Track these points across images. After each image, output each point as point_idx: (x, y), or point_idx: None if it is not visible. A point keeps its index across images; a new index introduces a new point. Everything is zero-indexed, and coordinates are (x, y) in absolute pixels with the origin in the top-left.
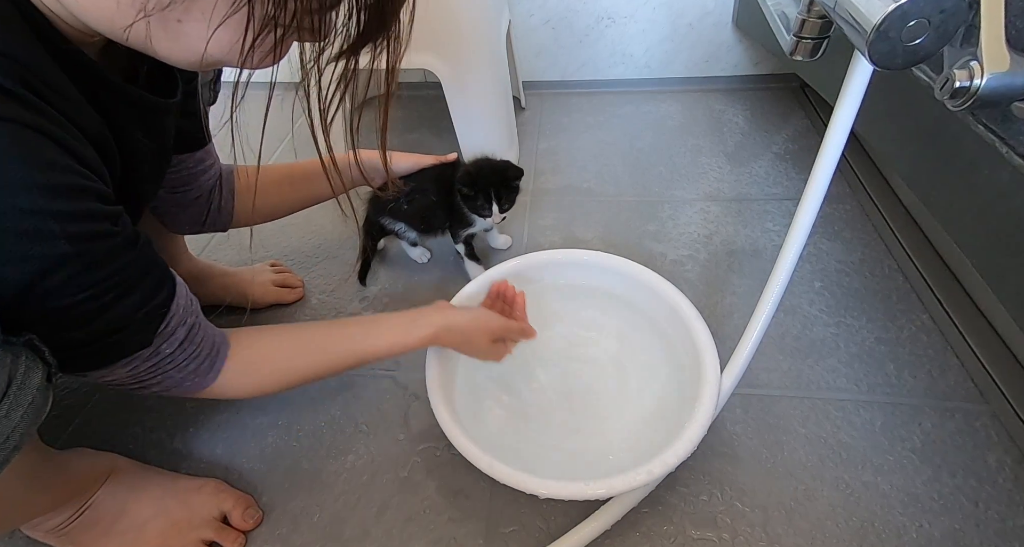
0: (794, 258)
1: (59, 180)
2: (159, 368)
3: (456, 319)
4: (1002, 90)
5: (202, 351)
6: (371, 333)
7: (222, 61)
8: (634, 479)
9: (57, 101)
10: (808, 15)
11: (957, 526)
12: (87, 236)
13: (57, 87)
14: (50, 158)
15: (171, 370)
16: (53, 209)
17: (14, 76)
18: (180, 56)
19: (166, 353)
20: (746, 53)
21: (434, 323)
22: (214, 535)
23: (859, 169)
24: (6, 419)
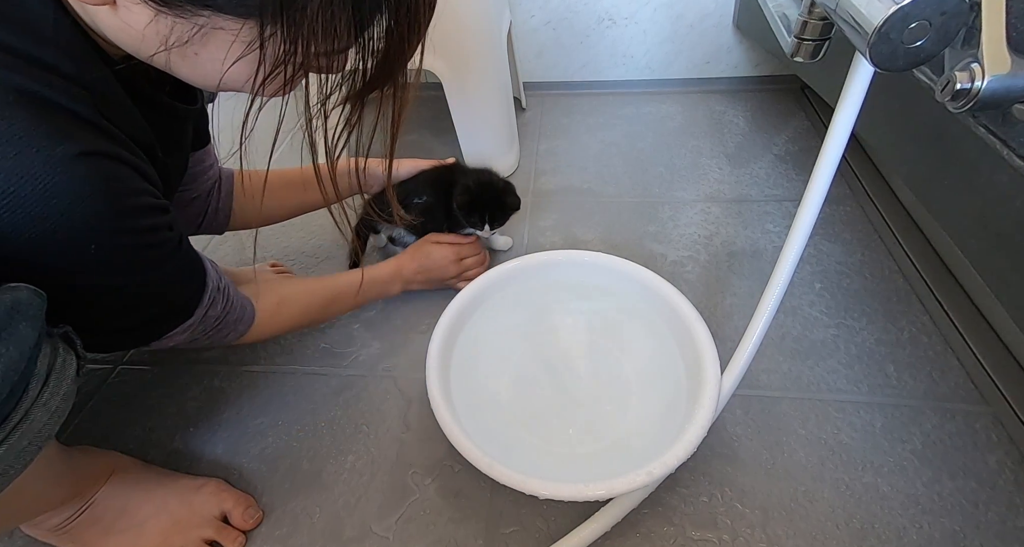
0: (794, 259)
1: (136, 203)
2: (212, 327)
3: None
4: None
5: (236, 304)
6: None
7: (237, 90)
8: (634, 480)
9: (123, 122)
10: (809, 17)
11: (957, 527)
12: (156, 244)
13: (121, 106)
14: (130, 185)
15: (221, 326)
16: (131, 227)
17: (92, 106)
18: (198, 81)
19: (213, 316)
20: (747, 54)
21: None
22: (214, 534)
23: (860, 171)
24: (44, 407)
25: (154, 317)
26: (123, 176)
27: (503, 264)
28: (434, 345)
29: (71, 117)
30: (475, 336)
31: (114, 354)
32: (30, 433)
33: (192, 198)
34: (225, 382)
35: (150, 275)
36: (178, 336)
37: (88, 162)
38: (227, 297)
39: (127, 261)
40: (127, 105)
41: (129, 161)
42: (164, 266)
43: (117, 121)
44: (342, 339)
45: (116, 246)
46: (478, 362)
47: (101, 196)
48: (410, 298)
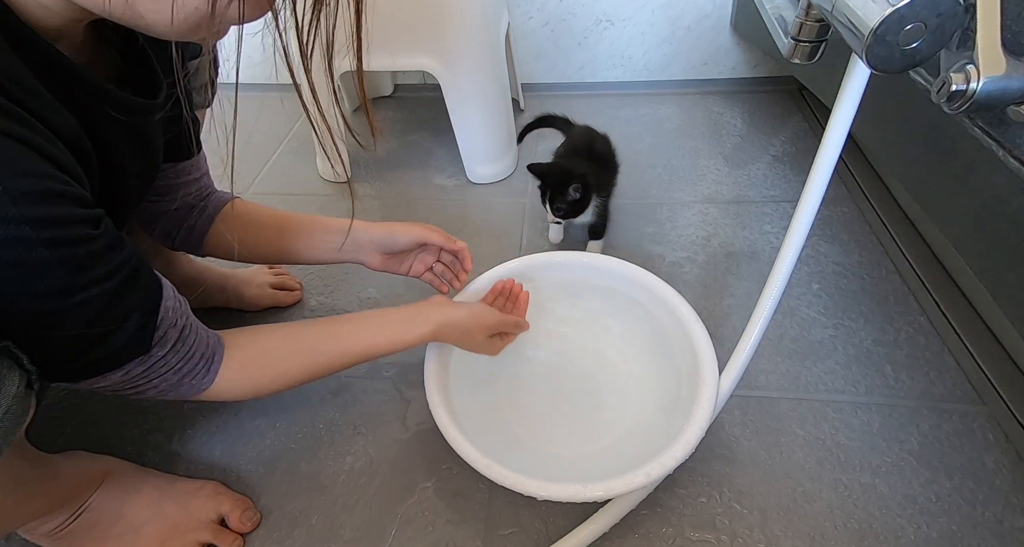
0: (792, 260)
1: (34, 186)
2: (153, 371)
3: (454, 315)
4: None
5: (195, 352)
6: (369, 331)
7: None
8: (632, 481)
9: (29, 102)
10: (805, 18)
11: (955, 527)
12: (66, 241)
13: (28, 87)
14: (24, 165)
15: (165, 373)
16: (28, 215)
17: None
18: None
19: (158, 356)
20: (744, 56)
21: (432, 320)
22: (212, 537)
23: (857, 172)
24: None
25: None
26: (16, 152)
27: (502, 265)
28: (433, 347)
29: None
30: None
31: None
32: None
33: (170, 209)
34: None
35: (72, 281)
36: (112, 375)
37: None
38: (183, 339)
39: (34, 260)
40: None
41: (21, 137)
42: (90, 272)
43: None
44: None
45: (13, 239)
46: (476, 363)
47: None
48: (409, 299)
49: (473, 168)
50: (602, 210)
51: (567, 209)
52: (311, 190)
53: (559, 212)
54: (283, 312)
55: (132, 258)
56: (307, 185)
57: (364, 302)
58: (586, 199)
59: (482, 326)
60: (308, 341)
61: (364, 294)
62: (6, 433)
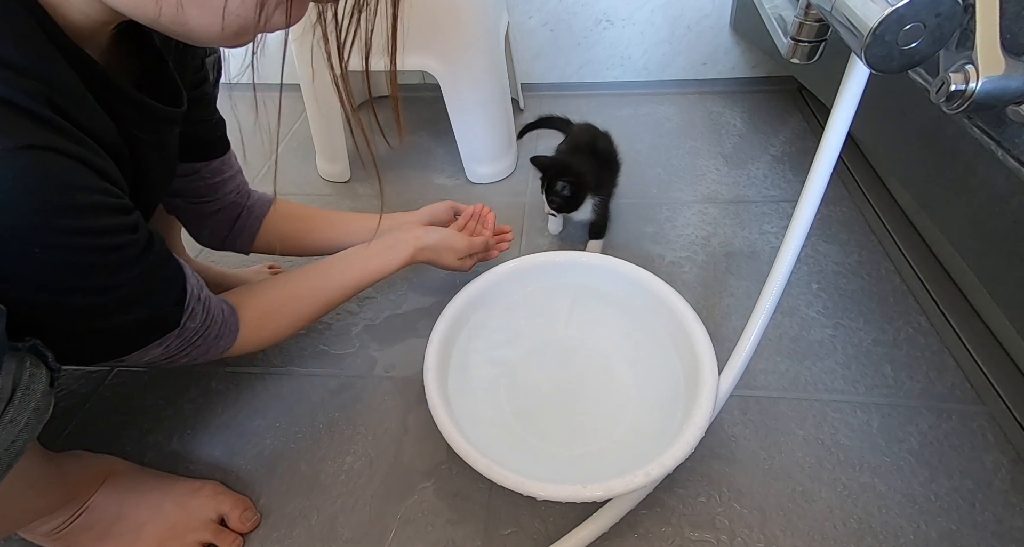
0: (792, 260)
1: (86, 200)
2: (188, 342)
3: (427, 239)
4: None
5: (216, 318)
6: (359, 263)
7: (242, 22)
8: (632, 481)
9: (77, 114)
10: (805, 18)
11: (954, 527)
12: (112, 248)
13: (76, 97)
14: (77, 181)
15: (197, 340)
16: (82, 227)
17: (40, 98)
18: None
19: (191, 328)
20: (743, 56)
21: (410, 245)
22: (212, 537)
23: (856, 172)
24: (11, 425)
25: (128, 328)
26: (68, 171)
27: (501, 265)
28: (432, 346)
29: (8, 109)
30: (473, 337)
31: None
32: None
33: (216, 210)
34: (222, 384)
35: (115, 280)
36: (153, 350)
37: (26, 156)
38: (207, 309)
39: (82, 264)
40: (86, 99)
41: (78, 155)
42: (130, 270)
43: (73, 115)
44: (340, 341)
45: (66, 247)
46: (476, 363)
47: (41, 192)
48: (408, 300)
49: (473, 168)
50: (602, 208)
51: (560, 203)
52: (311, 190)
53: (553, 205)
54: None
55: (161, 250)
56: (307, 185)
57: (360, 298)
58: (578, 197)
59: (451, 249)
60: (307, 285)
61: (364, 293)
62: (32, 430)
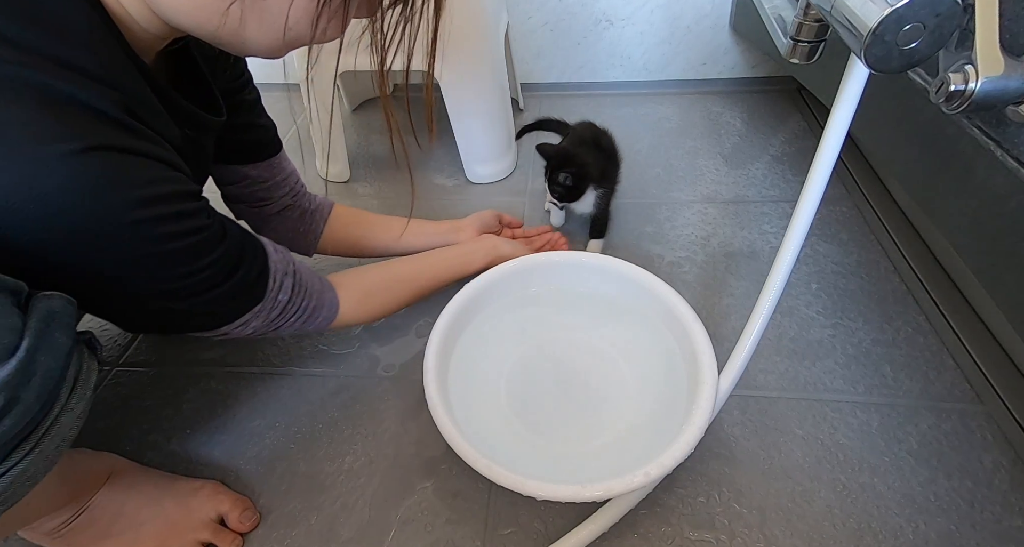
0: (791, 260)
1: (160, 190)
2: (286, 312)
3: (503, 249)
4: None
5: (311, 291)
6: (442, 264)
7: (298, 36)
8: (632, 481)
9: (150, 119)
10: (804, 18)
11: (953, 527)
12: (191, 231)
13: (148, 105)
14: (151, 175)
15: (296, 312)
16: (160, 214)
17: (118, 104)
18: (265, 37)
19: (283, 301)
20: (743, 56)
21: (488, 255)
22: (211, 536)
23: (855, 171)
24: (71, 412)
25: (216, 304)
26: (143, 167)
27: (501, 265)
28: (432, 347)
29: (93, 114)
30: (473, 338)
31: (108, 356)
32: (57, 438)
33: (274, 213)
34: (222, 384)
35: (201, 261)
36: (252, 323)
37: (102, 155)
38: (299, 282)
39: (170, 250)
40: (156, 107)
41: (152, 153)
42: (213, 251)
43: (148, 121)
44: (340, 340)
45: (154, 235)
46: (476, 364)
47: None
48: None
49: (472, 168)
50: (603, 203)
51: (561, 192)
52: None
53: (555, 194)
54: None
55: (237, 230)
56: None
57: None
58: (579, 187)
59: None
60: (401, 275)
61: None
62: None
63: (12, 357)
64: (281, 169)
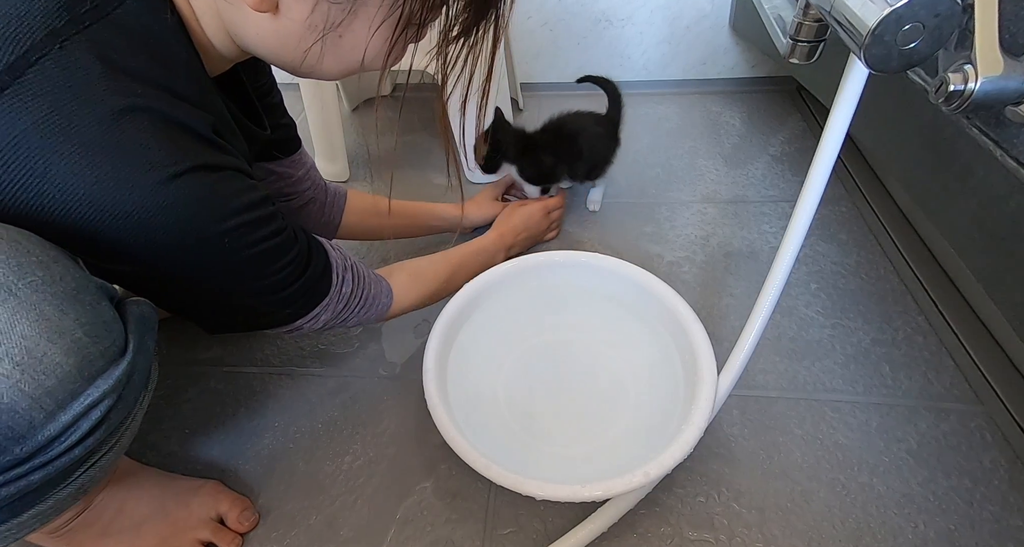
0: (791, 260)
1: (246, 200)
2: (350, 305)
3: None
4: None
5: (369, 281)
6: (475, 260)
7: (370, 66)
8: (631, 481)
9: (229, 136)
10: (804, 18)
11: (952, 527)
12: (272, 234)
13: (227, 123)
14: (238, 186)
15: (359, 302)
16: (247, 221)
17: (208, 124)
18: (339, 69)
19: (347, 293)
20: (743, 56)
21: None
22: (211, 536)
23: (855, 172)
24: (142, 410)
25: (292, 300)
26: (232, 180)
27: (501, 265)
28: (431, 346)
29: (194, 137)
30: (472, 337)
31: None
32: (131, 432)
33: (300, 206)
34: (221, 384)
35: (281, 261)
36: (322, 316)
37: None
38: (357, 274)
39: (255, 254)
40: (231, 124)
41: (238, 167)
42: (290, 251)
43: (228, 138)
44: (339, 340)
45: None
46: (475, 363)
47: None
48: None
49: (472, 168)
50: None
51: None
52: None
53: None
54: None
55: (302, 231)
56: None
57: None
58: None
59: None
60: (440, 270)
61: None
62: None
63: (123, 357)
64: (303, 164)
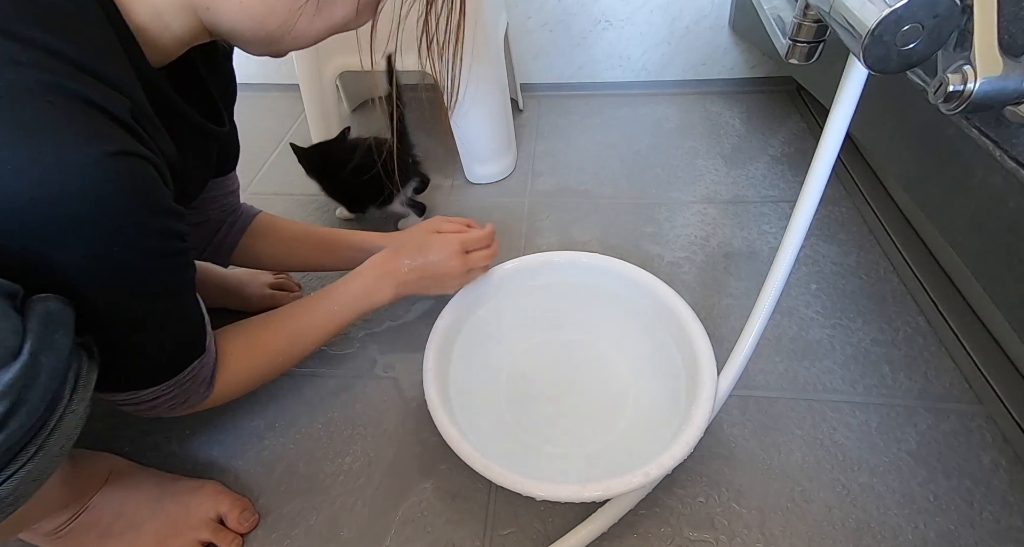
0: (790, 260)
1: (163, 203)
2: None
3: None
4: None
5: (211, 358)
6: (336, 311)
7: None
8: (631, 481)
9: (151, 131)
10: (803, 19)
11: (952, 527)
12: (176, 252)
13: (149, 117)
14: (156, 184)
15: (188, 382)
16: (158, 228)
17: (127, 110)
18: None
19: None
20: (742, 56)
21: (389, 283)
22: (211, 536)
23: (855, 172)
24: (73, 413)
25: (174, 346)
26: (151, 176)
27: (501, 265)
28: (431, 346)
29: (109, 118)
30: (472, 338)
31: None
32: (62, 439)
33: (199, 222)
34: None
35: (173, 284)
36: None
37: (124, 161)
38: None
39: (151, 268)
40: (155, 121)
41: (155, 163)
42: (184, 275)
43: (149, 131)
44: (339, 341)
45: (144, 247)
46: (475, 363)
47: (132, 194)
48: (408, 300)
49: (472, 168)
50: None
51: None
52: (309, 190)
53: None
54: None
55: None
56: (306, 185)
57: None
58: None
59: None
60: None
61: None
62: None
63: (16, 359)
64: (226, 186)
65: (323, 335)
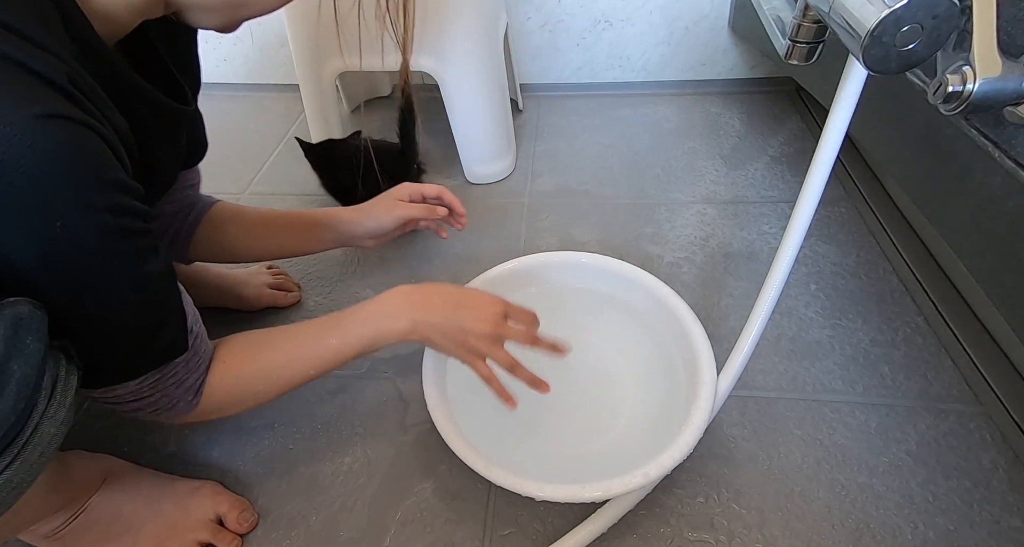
0: (790, 260)
1: (111, 175)
2: (163, 380)
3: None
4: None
5: (201, 363)
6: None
7: None
8: (631, 481)
9: (96, 102)
10: (803, 19)
11: (952, 527)
12: (133, 232)
13: (92, 88)
14: (102, 154)
15: (171, 384)
16: (107, 203)
17: (64, 75)
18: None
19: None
20: (742, 57)
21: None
22: (210, 537)
23: (854, 172)
24: (52, 420)
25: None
26: (95, 144)
27: (500, 266)
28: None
29: (43, 82)
30: None
31: None
32: (41, 445)
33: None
34: None
35: (136, 273)
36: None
37: (60, 124)
38: (195, 348)
39: (105, 248)
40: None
41: (100, 132)
42: (144, 265)
43: (94, 102)
44: None
45: (92, 224)
46: None
47: (70, 162)
48: None
49: (472, 168)
50: None
51: None
52: (309, 190)
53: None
54: (280, 313)
55: (169, 261)
56: (305, 185)
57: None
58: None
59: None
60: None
61: (363, 295)
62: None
63: None
64: (193, 174)
65: (326, 353)
